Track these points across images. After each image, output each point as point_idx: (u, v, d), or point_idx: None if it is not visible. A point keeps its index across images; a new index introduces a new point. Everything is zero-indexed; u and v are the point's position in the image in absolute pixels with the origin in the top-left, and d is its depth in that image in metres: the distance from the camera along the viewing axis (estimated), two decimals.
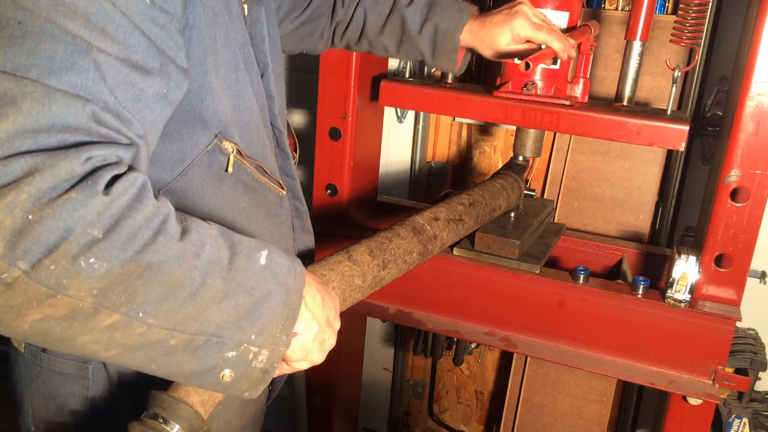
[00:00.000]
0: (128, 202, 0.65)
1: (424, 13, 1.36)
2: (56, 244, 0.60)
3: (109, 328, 0.66)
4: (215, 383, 0.76)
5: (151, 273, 0.66)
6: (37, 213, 0.59)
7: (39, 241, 0.60)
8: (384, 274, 1.02)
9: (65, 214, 0.61)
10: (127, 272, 0.64)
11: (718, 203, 1.35)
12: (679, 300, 1.38)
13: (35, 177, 0.60)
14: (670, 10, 1.89)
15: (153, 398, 0.81)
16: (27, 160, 0.60)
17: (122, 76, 0.70)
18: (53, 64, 0.64)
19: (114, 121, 0.68)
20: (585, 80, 1.50)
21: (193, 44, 0.84)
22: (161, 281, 0.67)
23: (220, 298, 0.72)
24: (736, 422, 1.52)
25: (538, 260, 1.50)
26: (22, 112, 0.61)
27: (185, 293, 0.69)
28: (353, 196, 1.76)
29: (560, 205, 2.06)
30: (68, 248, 0.61)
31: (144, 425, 0.78)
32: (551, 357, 1.51)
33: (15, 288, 0.60)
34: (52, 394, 1.03)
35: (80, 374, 1.00)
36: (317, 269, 0.94)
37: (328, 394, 1.94)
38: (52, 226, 0.60)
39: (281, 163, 1.16)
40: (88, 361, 1.00)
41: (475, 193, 1.36)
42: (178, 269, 0.68)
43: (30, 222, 0.59)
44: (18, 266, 0.60)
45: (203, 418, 0.80)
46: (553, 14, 1.44)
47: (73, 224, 0.61)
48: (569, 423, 2.15)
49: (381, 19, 1.39)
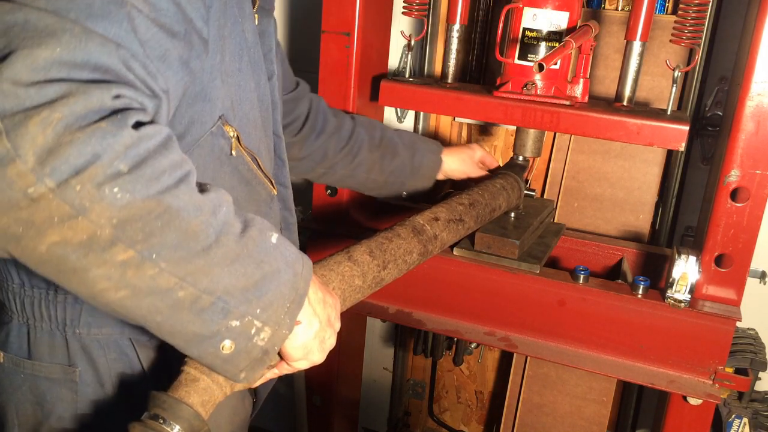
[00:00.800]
0: (155, 146, 0.68)
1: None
2: (83, 167, 0.63)
3: (123, 264, 0.67)
4: (214, 354, 0.76)
5: (170, 216, 0.68)
6: (68, 135, 0.62)
7: (67, 162, 0.62)
8: (384, 275, 1.02)
9: (95, 140, 0.63)
10: (147, 209, 0.66)
11: (718, 203, 1.35)
12: (679, 300, 1.38)
13: (69, 101, 0.63)
14: (670, 10, 1.89)
15: (153, 399, 0.81)
16: (62, 86, 0.64)
17: (151, 34, 0.73)
18: (91, 11, 0.68)
19: (142, 71, 0.72)
20: (585, 80, 1.50)
21: (212, 22, 0.87)
22: (178, 227, 0.69)
23: (231, 260, 0.73)
24: (736, 422, 1.52)
25: (538, 260, 1.50)
26: (60, 44, 0.65)
27: (199, 246, 0.70)
28: (353, 196, 1.76)
29: (560, 205, 2.06)
30: (94, 173, 0.63)
31: (144, 426, 0.77)
32: (551, 357, 1.51)
33: (39, 203, 0.63)
34: (38, 401, 1.01)
35: (67, 377, 0.99)
36: (317, 269, 0.94)
37: (328, 394, 1.95)
38: (81, 150, 0.63)
39: (276, 171, 1.16)
40: (75, 364, 0.98)
41: (475, 193, 1.37)
42: (195, 220, 0.70)
43: (61, 142, 0.62)
44: (45, 182, 0.62)
45: (203, 419, 0.80)
46: (553, 14, 1.44)
47: (101, 151, 0.64)
48: (569, 423, 2.15)
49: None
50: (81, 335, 0.98)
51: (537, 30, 1.47)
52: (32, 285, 0.97)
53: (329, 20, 1.62)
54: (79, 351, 0.99)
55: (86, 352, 0.99)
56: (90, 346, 0.99)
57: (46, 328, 0.99)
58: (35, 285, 0.97)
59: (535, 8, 1.46)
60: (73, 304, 0.97)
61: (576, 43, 1.31)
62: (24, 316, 0.99)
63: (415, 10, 1.71)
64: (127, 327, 0.98)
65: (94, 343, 0.99)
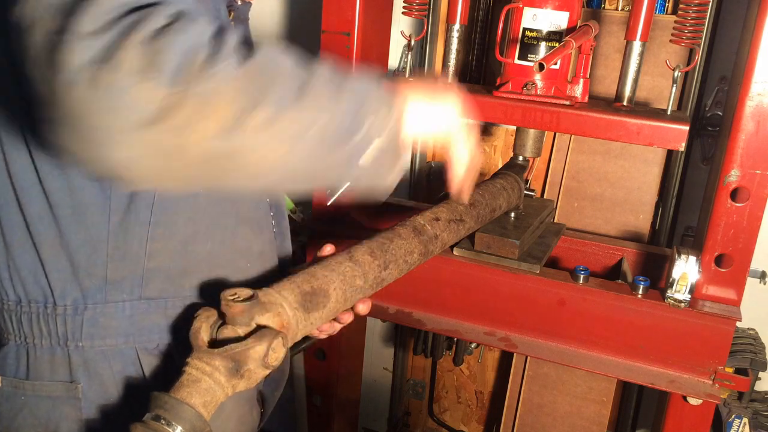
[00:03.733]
0: (226, 25, 0.75)
1: None
2: (189, 59, 0.67)
3: (266, 122, 0.71)
4: (364, 166, 0.82)
5: (273, 70, 0.73)
6: (161, 42, 0.66)
7: (172, 62, 0.65)
8: (385, 275, 1.02)
9: (184, 37, 0.67)
10: (254, 70, 0.71)
11: (718, 203, 1.35)
12: (679, 300, 1.38)
13: (148, 18, 0.66)
14: (670, 10, 1.89)
15: (155, 399, 0.80)
16: (135, 13, 0.67)
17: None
18: None
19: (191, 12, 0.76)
20: (585, 80, 1.50)
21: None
22: (283, 75, 0.74)
23: (336, 85, 0.80)
24: (736, 422, 1.52)
25: (538, 260, 1.50)
26: None
27: (307, 83, 0.76)
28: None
29: (560, 205, 2.06)
30: (198, 60, 0.67)
31: (146, 426, 0.77)
32: (551, 357, 1.51)
33: (172, 111, 0.66)
34: (41, 422, 0.97)
35: (70, 395, 0.96)
36: (318, 270, 0.94)
37: (328, 394, 1.95)
38: (181, 47, 0.66)
39: None
40: (77, 380, 0.96)
41: (476, 193, 1.37)
42: (289, 65, 0.77)
43: (155, 50, 0.65)
44: (165, 89, 0.65)
45: (205, 420, 0.80)
46: (553, 14, 1.44)
47: (195, 42, 0.68)
48: (569, 423, 2.16)
49: None
50: (84, 348, 0.96)
51: (537, 30, 1.47)
52: (29, 300, 0.95)
53: (329, 20, 1.62)
54: (82, 365, 0.96)
55: (89, 365, 0.96)
56: (93, 360, 0.96)
57: (46, 345, 0.96)
58: (32, 300, 0.95)
59: (535, 8, 1.46)
60: (73, 315, 0.95)
61: (576, 43, 1.31)
62: (21, 335, 0.97)
63: (415, 10, 1.71)
64: (132, 335, 0.97)
65: (98, 355, 0.96)
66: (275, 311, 0.85)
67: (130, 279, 0.94)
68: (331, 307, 0.93)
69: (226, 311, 0.83)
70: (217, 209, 1.00)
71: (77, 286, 0.93)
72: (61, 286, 0.93)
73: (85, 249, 0.92)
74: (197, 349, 0.83)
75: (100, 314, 0.94)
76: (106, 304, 0.94)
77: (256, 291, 0.85)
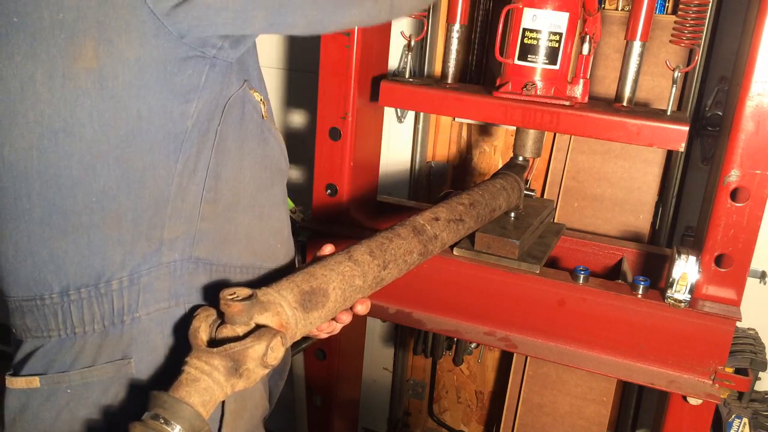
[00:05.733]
0: None
1: None
2: None
3: None
4: None
5: None
6: None
7: None
8: (385, 275, 1.02)
9: None
10: None
11: (718, 203, 1.35)
12: (679, 300, 1.38)
13: None
14: (670, 10, 1.89)
15: (154, 398, 0.80)
16: None
17: None
18: None
19: None
20: (585, 80, 1.50)
21: None
22: None
23: None
24: (736, 422, 1.52)
25: (538, 260, 1.50)
26: None
27: None
28: (353, 196, 1.76)
29: (560, 205, 2.06)
30: None
31: (145, 426, 0.77)
32: (551, 357, 1.51)
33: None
34: (90, 411, 0.94)
35: (122, 374, 0.94)
36: (317, 269, 0.94)
37: (328, 394, 1.95)
38: None
39: None
40: (128, 355, 0.94)
41: (476, 193, 1.37)
42: None
43: None
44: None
45: (204, 419, 0.80)
46: (553, 15, 1.44)
47: None
48: (569, 423, 2.16)
49: None
50: (140, 318, 0.95)
51: (537, 30, 1.47)
52: (78, 287, 0.93)
53: None
54: (135, 339, 0.95)
55: (142, 337, 0.95)
56: (146, 330, 0.95)
57: (98, 329, 0.94)
58: (82, 285, 0.93)
59: (535, 9, 1.46)
60: (129, 287, 0.93)
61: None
62: (67, 328, 0.94)
63: None
64: (182, 296, 0.98)
65: (152, 323, 0.95)
66: (274, 310, 0.85)
67: (183, 238, 0.96)
68: (331, 306, 0.94)
69: (225, 310, 0.83)
70: (256, 184, 1.05)
71: (135, 254, 0.93)
72: (120, 259, 0.93)
73: (149, 212, 0.92)
74: (196, 348, 0.84)
75: (155, 278, 0.95)
76: (160, 266, 0.95)
77: (255, 290, 0.85)
